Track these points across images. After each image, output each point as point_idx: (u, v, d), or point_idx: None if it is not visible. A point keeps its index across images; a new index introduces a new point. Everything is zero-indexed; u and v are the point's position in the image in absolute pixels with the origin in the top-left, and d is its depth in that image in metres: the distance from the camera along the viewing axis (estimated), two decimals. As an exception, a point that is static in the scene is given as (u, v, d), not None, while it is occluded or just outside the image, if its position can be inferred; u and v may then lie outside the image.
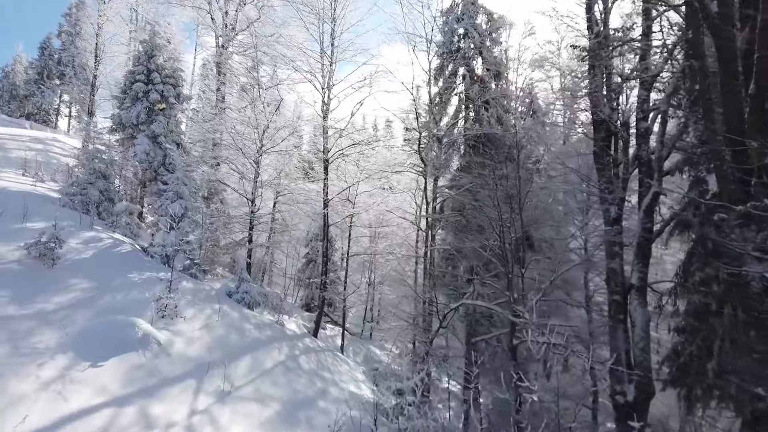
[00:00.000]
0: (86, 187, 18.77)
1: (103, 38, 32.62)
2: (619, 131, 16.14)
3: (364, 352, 22.72)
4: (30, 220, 14.89)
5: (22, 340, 9.40)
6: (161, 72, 23.74)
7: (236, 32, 25.86)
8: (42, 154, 29.32)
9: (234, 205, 24.72)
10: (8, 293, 10.81)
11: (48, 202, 17.92)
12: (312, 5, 20.65)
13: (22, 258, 12.47)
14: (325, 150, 20.33)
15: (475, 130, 21.54)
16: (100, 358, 9.78)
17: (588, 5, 16.94)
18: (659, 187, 15.00)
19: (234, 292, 17.23)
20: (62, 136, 38.05)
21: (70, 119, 64.76)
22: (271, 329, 16.35)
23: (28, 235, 13.48)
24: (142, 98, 23.07)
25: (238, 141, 20.88)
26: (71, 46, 63.04)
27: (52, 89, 62.81)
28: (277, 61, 22.19)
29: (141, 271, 15.12)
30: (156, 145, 22.84)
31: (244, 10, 26.79)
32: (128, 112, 22.82)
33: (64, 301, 11.53)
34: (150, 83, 23.34)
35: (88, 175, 18.86)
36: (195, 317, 13.80)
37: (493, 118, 22.56)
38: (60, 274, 12.55)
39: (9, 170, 23.12)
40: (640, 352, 14.62)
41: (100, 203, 18.90)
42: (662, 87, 16.02)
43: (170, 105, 23.63)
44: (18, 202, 16.19)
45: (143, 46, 23.98)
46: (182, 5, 27.76)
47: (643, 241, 14.98)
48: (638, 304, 14.96)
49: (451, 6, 25.04)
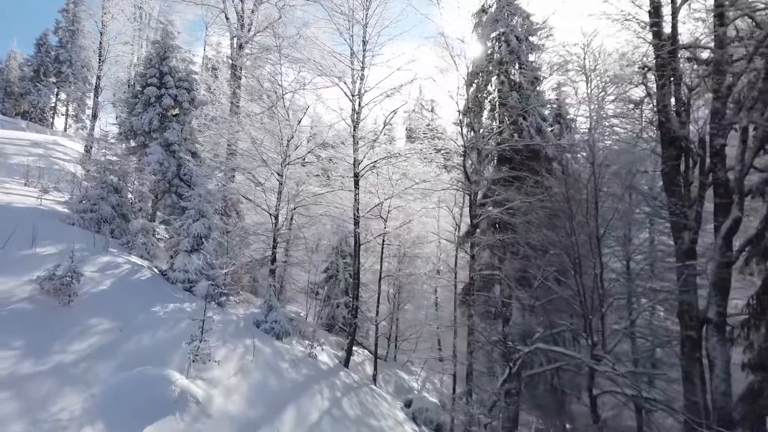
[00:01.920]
0: (97, 202, 17.14)
1: (108, 37, 30.79)
2: (691, 149, 14.68)
3: (394, 380, 21.21)
4: (40, 244, 13.28)
5: (41, 409, 7.81)
6: (174, 75, 22.11)
7: (255, 32, 24.18)
8: (43, 159, 27.70)
9: (252, 220, 23.10)
10: (22, 343, 9.20)
11: (56, 219, 16.31)
12: (341, 5, 19.03)
13: (35, 294, 10.86)
14: (355, 162, 18.72)
15: (513, 141, 20.02)
16: (134, 427, 8.20)
17: (655, 7, 15.47)
18: (740, 211, 13.54)
19: (262, 321, 15.68)
20: (63, 139, 36.34)
21: (67, 118, 62.90)
22: (305, 365, 14.81)
23: (39, 264, 11.93)
24: (154, 103, 21.43)
25: (261, 151, 19.25)
26: (69, 44, 61.45)
27: (48, 87, 61.02)
28: (300, 65, 20.51)
29: (164, 302, 13.56)
30: (170, 154, 21.23)
31: (262, 9, 25.14)
32: (140, 118, 21.16)
33: (85, 349, 9.94)
34: (163, 87, 21.70)
35: (99, 189, 17.22)
36: (228, 359, 12.23)
37: (532, 128, 21.06)
38: (77, 312, 10.95)
39: (10, 179, 21.50)
40: (721, 396, 13.16)
41: (113, 220, 17.29)
42: (740, 98, 14.52)
43: (184, 110, 22.01)
44: (25, 221, 14.59)
45: (155, 47, 22.32)
46: (195, 3, 26.06)
47: (721, 272, 13.49)
48: (717, 341, 13.46)
49: (484, 7, 23.53)
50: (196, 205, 16.10)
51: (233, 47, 25.25)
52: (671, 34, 15.21)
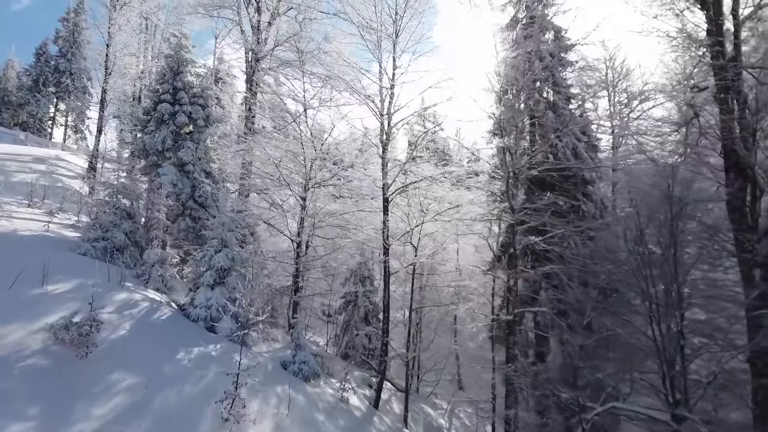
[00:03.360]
0: (109, 229, 15.89)
1: (114, 49, 29.60)
2: (759, 177, 13.59)
3: (422, 418, 19.85)
4: (51, 280, 12.01)
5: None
6: (189, 91, 20.93)
7: (274, 45, 23.04)
8: (46, 176, 26.41)
9: (268, 242, 21.85)
10: (37, 411, 7.94)
11: (65, 249, 15.06)
12: (371, 20, 17.89)
13: (49, 344, 9.59)
14: (384, 186, 17.50)
15: (551, 163, 18.87)
16: None
17: (717, 24, 14.41)
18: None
19: (290, 362, 14.41)
20: (65, 154, 35.08)
21: (66, 129, 61.59)
22: (339, 413, 13.53)
23: (52, 306, 10.84)
24: (167, 121, 20.23)
25: (283, 173, 18.04)
26: (69, 54, 60.36)
27: (48, 97, 59.85)
28: (323, 80, 19.36)
29: (188, 346, 12.29)
30: (184, 174, 20.02)
31: (279, 22, 24.06)
32: (152, 137, 19.93)
33: (108, 413, 8.66)
34: (177, 103, 20.51)
35: (112, 215, 15.97)
36: (262, 414, 10.96)
37: (568, 149, 19.96)
38: (97, 366, 9.67)
39: (13, 199, 20.22)
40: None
41: (126, 248, 16.03)
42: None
43: (199, 128, 20.81)
44: (32, 254, 13.36)
45: (168, 61, 21.12)
46: (208, 15, 24.93)
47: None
48: (794, 391, 12.31)
49: (513, 20, 22.51)
50: (218, 233, 14.86)
51: (248, 61, 24.09)
52: (733, 54, 14.17)
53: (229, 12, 25.15)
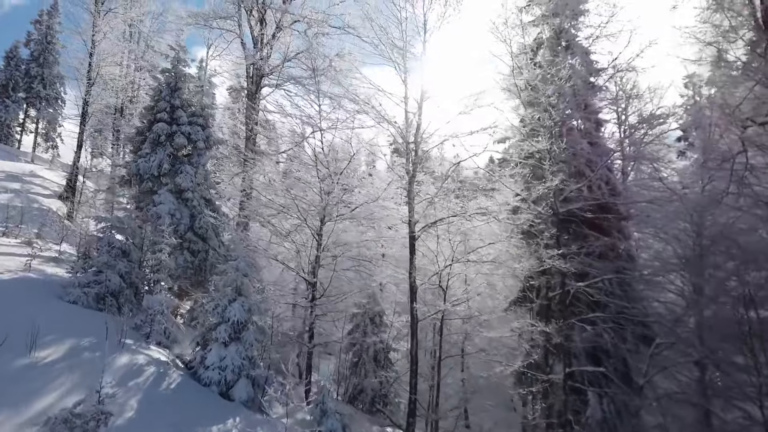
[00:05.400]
0: (103, 269, 13.81)
1: (98, 57, 27.30)
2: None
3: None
4: (40, 343, 9.97)
5: None
6: (187, 109, 18.98)
7: (283, 61, 21.22)
8: (21, 196, 23.97)
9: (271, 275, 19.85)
10: None
11: (52, 295, 12.95)
12: (398, 39, 16.27)
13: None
14: (411, 223, 15.79)
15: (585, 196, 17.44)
16: None
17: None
18: None
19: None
20: (40, 169, 32.43)
21: (36, 137, 58.27)
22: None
23: (43, 383, 9.00)
24: (164, 143, 18.24)
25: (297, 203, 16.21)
26: (41, 57, 57.44)
27: (18, 103, 56.78)
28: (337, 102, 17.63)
29: (204, 422, 10.37)
30: (182, 202, 18.04)
31: (284, 35, 22.27)
32: (147, 160, 17.91)
33: None
34: (174, 123, 18.54)
35: (105, 255, 13.91)
36: None
37: (602, 181, 18.55)
38: (104, 469, 7.74)
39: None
40: None
41: (121, 292, 13.97)
42: None
43: (198, 151, 18.87)
44: (16, 306, 11.33)
45: (165, 76, 19.17)
46: (208, 27, 23.01)
47: None
48: None
49: (537, 43, 21.10)
50: (232, 280, 12.92)
51: (250, 76, 22.17)
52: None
53: (228, 23, 23.26)
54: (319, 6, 21.75)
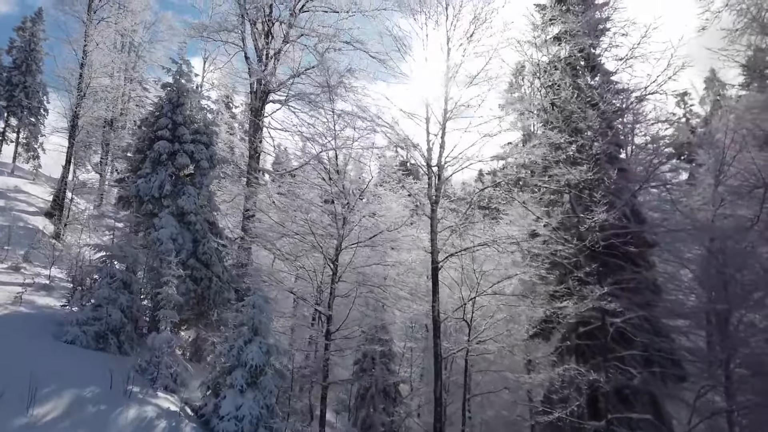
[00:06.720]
0: (102, 303, 12.59)
1: (90, 68, 26.01)
2: None
3: None
4: (38, 397, 8.74)
5: None
6: (190, 126, 17.81)
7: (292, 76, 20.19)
8: (5, 214, 22.58)
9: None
10: None
11: (49, 335, 11.75)
12: (415, 53, 15.42)
13: None
14: (434, 252, 14.80)
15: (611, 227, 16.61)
16: None
17: None
18: None
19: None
20: (24, 183, 30.91)
21: (17, 146, 56.25)
22: None
23: None
24: (166, 162, 17.02)
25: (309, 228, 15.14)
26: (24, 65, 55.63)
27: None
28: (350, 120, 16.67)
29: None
30: (184, 226, 16.78)
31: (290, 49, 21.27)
32: (148, 180, 16.65)
33: None
34: (176, 141, 17.32)
35: (106, 288, 12.68)
36: None
37: (627, 209, 17.78)
38: None
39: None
40: None
41: (122, 329, 12.74)
42: None
43: (201, 171, 17.70)
44: (9, 351, 10.09)
45: (168, 91, 18.00)
46: (211, 39, 21.88)
47: None
48: None
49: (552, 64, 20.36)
50: (248, 315, 11.77)
51: (254, 92, 21.06)
52: None
53: (231, 36, 22.15)
54: (328, 20, 20.77)
